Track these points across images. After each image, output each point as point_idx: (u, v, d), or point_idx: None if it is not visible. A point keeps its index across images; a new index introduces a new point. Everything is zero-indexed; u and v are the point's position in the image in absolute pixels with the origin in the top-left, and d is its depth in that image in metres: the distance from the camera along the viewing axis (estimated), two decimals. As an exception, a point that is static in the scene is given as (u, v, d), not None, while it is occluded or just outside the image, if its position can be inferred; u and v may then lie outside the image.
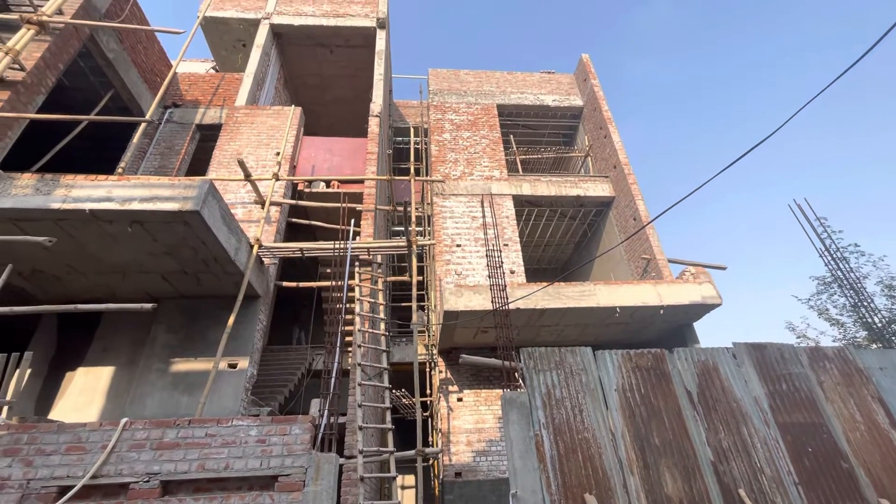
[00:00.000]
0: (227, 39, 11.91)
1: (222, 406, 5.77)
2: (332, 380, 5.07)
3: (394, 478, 4.91)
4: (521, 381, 5.75)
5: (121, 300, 6.20)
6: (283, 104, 11.79)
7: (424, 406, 8.62)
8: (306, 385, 7.59)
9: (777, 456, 3.83)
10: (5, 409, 3.85)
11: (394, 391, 8.66)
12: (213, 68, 14.12)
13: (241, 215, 7.31)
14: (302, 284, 7.28)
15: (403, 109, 14.19)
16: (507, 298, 6.59)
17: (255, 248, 6.20)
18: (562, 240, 12.81)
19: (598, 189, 10.67)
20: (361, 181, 8.05)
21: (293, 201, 7.86)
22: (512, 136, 12.58)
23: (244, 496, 3.51)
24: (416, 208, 8.85)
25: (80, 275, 5.75)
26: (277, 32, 11.37)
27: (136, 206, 4.60)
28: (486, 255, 8.57)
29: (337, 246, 6.55)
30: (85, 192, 4.64)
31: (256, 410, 6.06)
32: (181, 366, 6.11)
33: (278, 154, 8.11)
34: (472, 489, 6.98)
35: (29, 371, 4.76)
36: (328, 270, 7.49)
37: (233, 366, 6.06)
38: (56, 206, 4.52)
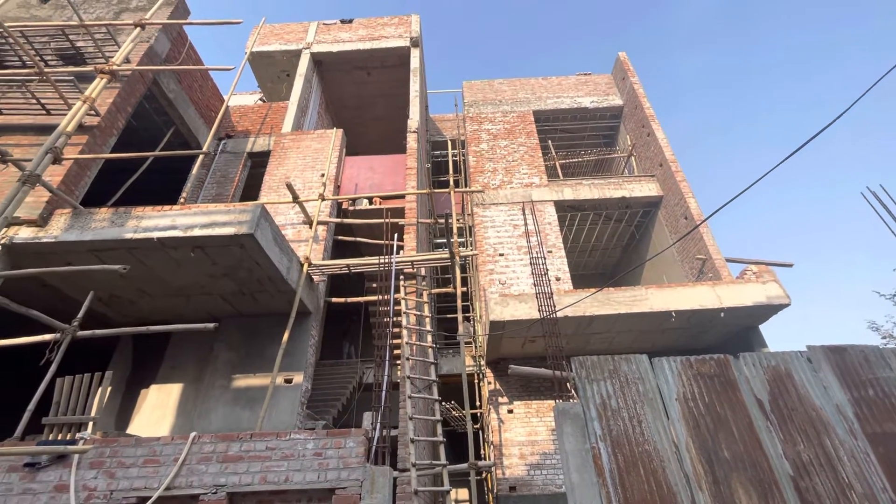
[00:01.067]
0: (272, 71, 12.66)
1: (280, 420, 5.99)
2: (383, 393, 5.14)
3: (447, 491, 4.87)
4: (573, 391, 5.57)
5: (186, 321, 6.63)
6: (326, 127, 12.30)
7: (475, 418, 8.54)
8: (358, 398, 7.73)
9: (868, 470, 3.45)
10: (90, 424, 4.19)
11: (443, 403, 8.64)
12: (260, 99, 15.00)
13: (291, 235, 7.65)
14: (350, 300, 7.47)
15: (440, 123, 14.40)
16: (555, 306, 6.44)
17: (305, 266, 6.45)
18: (608, 244, 12.40)
19: (645, 189, 10.27)
20: (402, 196, 8.20)
21: (338, 220, 8.13)
22: (550, 142, 12.41)
23: (304, 508, 3.61)
24: (457, 219, 8.90)
25: (151, 298, 6.21)
26: (318, 60, 11.94)
27: (197, 232, 4.93)
28: (531, 263, 8.45)
29: (382, 261, 6.69)
30: (153, 222, 5.03)
31: (312, 424, 6.24)
32: (241, 382, 6.42)
33: (323, 175, 8.45)
34: (528, 503, 6.79)
35: (109, 389, 5.17)
36: (374, 285, 7.65)
37: (288, 381, 6.29)
38: (129, 236, 4.93)
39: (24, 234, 5.07)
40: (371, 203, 8.81)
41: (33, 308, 4.12)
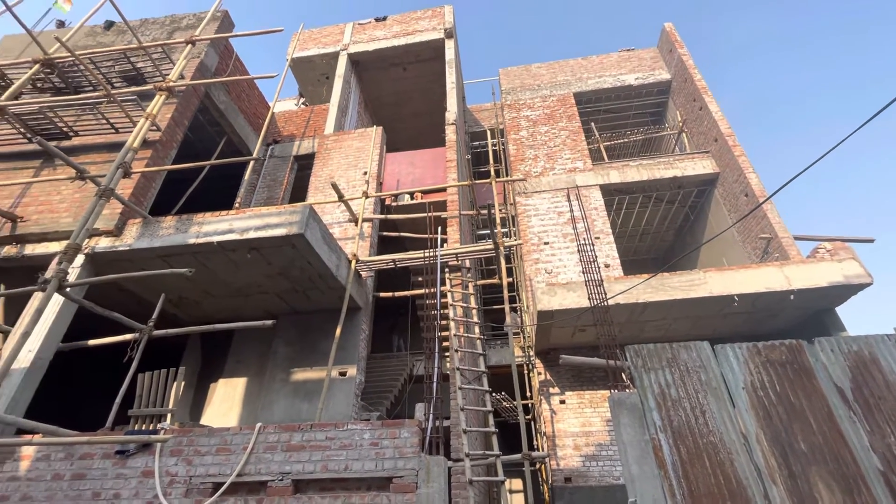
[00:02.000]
0: (312, 75, 13.04)
1: (336, 411, 6.24)
2: (434, 384, 5.22)
3: (502, 482, 4.88)
4: (628, 380, 5.39)
5: (246, 319, 7.01)
6: (366, 126, 12.53)
7: (526, 409, 8.48)
8: (409, 390, 7.89)
9: (974, 465, 3.10)
10: (169, 416, 4.55)
11: (493, 394, 8.64)
12: (302, 103, 15.50)
13: (338, 234, 7.89)
14: (397, 294, 7.61)
15: (477, 113, 14.27)
16: (605, 294, 6.25)
17: (353, 262, 6.63)
18: (660, 227, 11.83)
19: (698, 167, 9.69)
20: (444, 189, 8.23)
21: (382, 216, 8.29)
22: (593, 124, 11.97)
23: (364, 496, 3.74)
24: (500, 210, 8.81)
25: (214, 298, 6.64)
26: (355, 60, 12.16)
27: (252, 234, 5.20)
28: (578, 251, 8.22)
29: (426, 254, 6.75)
30: (212, 227, 5.36)
31: (367, 415, 6.45)
32: (299, 375, 6.74)
33: (366, 173, 8.63)
34: (585, 495, 6.67)
35: (183, 383, 5.61)
36: (420, 279, 7.75)
37: (343, 374, 6.53)
38: (192, 241, 5.28)
39: (103, 243, 5.55)
40: (413, 198, 8.91)
41: (114, 311, 4.52)
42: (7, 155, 6.86)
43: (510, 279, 9.21)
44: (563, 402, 7.52)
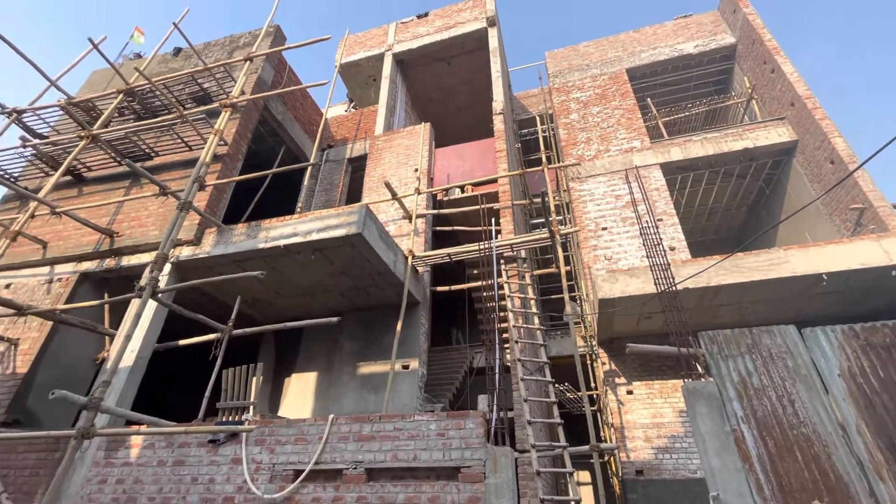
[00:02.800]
0: (359, 79, 13.39)
1: (402, 403, 6.43)
2: (497, 376, 5.22)
3: (570, 473, 4.80)
4: (702, 369, 5.08)
5: (313, 317, 7.40)
6: (413, 123, 12.69)
7: (591, 400, 8.26)
8: (471, 382, 7.96)
9: None
10: (251, 408, 4.92)
11: (556, 385, 8.50)
12: (352, 106, 15.97)
13: (394, 231, 8.08)
14: (454, 288, 7.68)
15: (525, 101, 13.96)
16: (673, 278, 5.91)
17: (409, 258, 6.78)
18: (730, 204, 10.99)
19: (773, 135, 8.86)
20: (494, 180, 8.16)
21: (435, 211, 8.38)
22: (649, 100, 11.30)
23: (433, 485, 3.84)
24: (554, 197, 8.59)
25: (284, 298, 7.06)
26: (399, 60, 12.32)
27: (314, 236, 5.47)
28: (640, 234, 7.83)
29: (481, 246, 6.75)
30: (278, 232, 5.69)
31: (431, 407, 6.59)
32: (364, 369, 7.02)
33: (416, 170, 8.76)
34: (659, 489, 6.40)
35: (261, 378, 6.07)
36: (475, 271, 7.76)
37: (405, 367, 6.71)
38: (261, 245, 5.64)
39: (185, 252, 6.09)
40: (463, 191, 8.91)
41: (198, 314, 4.94)
42: (102, 178, 7.69)
43: (568, 268, 8.98)
44: (630, 392, 7.24)
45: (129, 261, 6.40)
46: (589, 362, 7.99)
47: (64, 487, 4.53)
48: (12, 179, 7.74)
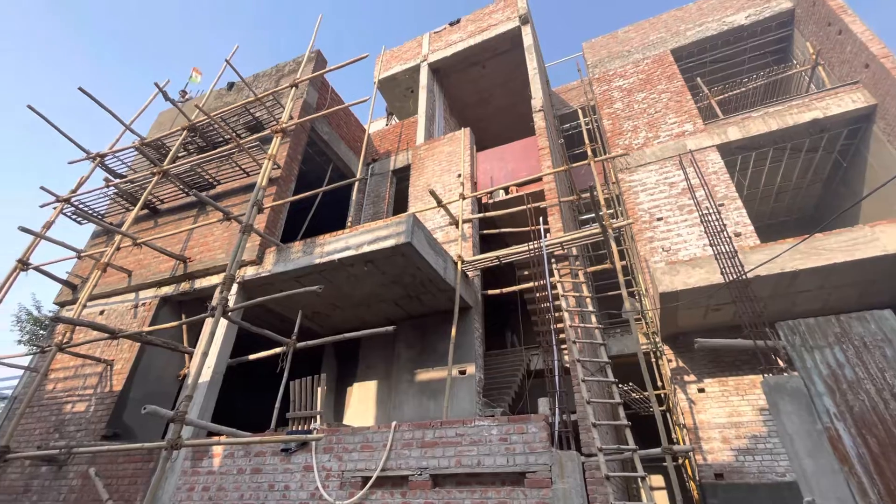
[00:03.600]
0: (398, 92, 13.70)
1: (461, 409, 6.43)
2: (556, 378, 5.10)
3: (643, 477, 4.57)
4: (783, 363, 4.67)
5: (369, 326, 7.62)
6: (453, 130, 12.78)
7: (659, 400, 7.85)
8: (529, 385, 7.83)
9: None
10: (318, 417, 5.12)
11: (620, 385, 8.16)
12: (392, 119, 16.36)
13: (441, 237, 8.15)
14: (505, 290, 7.61)
15: (564, 95, 13.66)
16: (742, 266, 5.51)
17: (459, 263, 6.80)
18: (800, 181, 10.10)
19: (846, 102, 8.06)
20: (539, 178, 8.02)
21: (481, 215, 8.36)
22: (699, 79, 10.68)
23: (499, 490, 3.79)
24: (602, 190, 8.31)
25: (341, 310, 7.31)
26: (435, 69, 12.48)
27: (365, 248, 5.63)
28: (702, 222, 7.38)
29: (530, 246, 6.64)
30: (331, 247, 5.92)
31: (490, 411, 6.54)
32: (422, 376, 7.10)
33: (459, 175, 8.79)
34: (742, 493, 5.94)
35: (325, 388, 6.32)
36: (525, 273, 7.65)
37: (462, 372, 6.72)
38: (317, 261, 5.89)
39: (249, 272, 6.47)
40: (507, 192, 8.83)
41: (264, 329, 5.23)
42: (174, 209, 8.38)
43: (623, 262, 8.62)
44: (701, 390, 6.80)
45: (200, 283, 6.90)
46: (653, 360, 7.61)
47: (158, 495, 4.93)
48: (99, 217, 8.61)
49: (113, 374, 6.58)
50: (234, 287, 6.38)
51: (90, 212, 8.43)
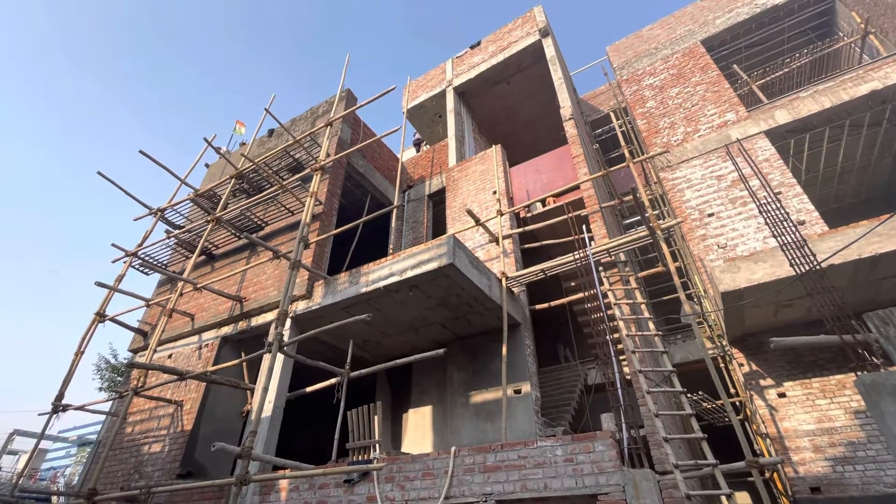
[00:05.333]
0: (426, 118, 14.02)
1: (519, 429, 6.21)
2: (619, 391, 4.83)
3: (728, 495, 4.18)
4: (877, 358, 4.18)
5: (419, 351, 7.61)
6: (483, 148, 12.85)
7: (735, 408, 7.25)
8: (589, 402, 7.48)
9: None
10: (377, 445, 5.10)
11: (689, 395, 7.63)
12: (424, 144, 16.70)
13: (483, 256, 8.10)
14: (553, 303, 7.40)
15: (593, 101, 13.46)
16: (814, 255, 5.07)
17: (503, 280, 6.70)
18: (866, 159, 9.30)
19: (908, 69, 7.41)
20: (577, 187, 7.86)
21: (520, 229, 8.26)
22: (735, 66, 10.21)
23: (571, 515, 3.58)
24: (645, 191, 7.99)
25: (390, 337, 7.36)
26: (460, 92, 12.70)
27: (409, 273, 5.67)
28: (760, 212, 6.91)
29: (576, 256, 6.45)
30: (376, 275, 6.01)
31: (551, 431, 6.28)
32: (476, 397, 6.95)
33: (495, 192, 8.77)
34: (847, 509, 5.29)
35: (381, 416, 6.32)
36: (572, 284, 7.42)
37: (517, 391, 6.52)
38: (364, 290, 5.99)
39: (301, 306, 6.68)
40: (545, 204, 8.69)
41: (318, 361, 5.34)
42: (227, 252, 8.86)
43: (676, 264, 8.19)
44: (782, 395, 6.22)
45: (256, 321, 7.19)
46: (722, 365, 7.08)
47: (231, 531, 5.03)
48: (163, 266, 9.25)
49: (183, 413, 6.91)
50: (288, 322, 6.58)
51: (155, 262, 9.07)
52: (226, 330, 7.48)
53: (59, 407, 7.06)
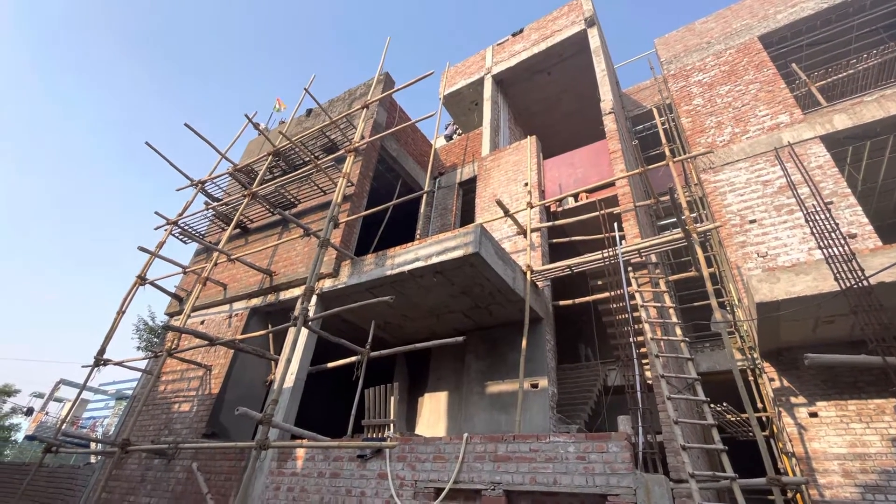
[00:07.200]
0: (462, 106, 13.90)
1: (533, 424, 6.20)
2: (638, 394, 4.74)
3: (744, 510, 4.05)
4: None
5: (439, 337, 7.66)
6: (518, 139, 12.65)
7: (760, 424, 6.99)
8: (607, 402, 7.38)
9: None
10: (392, 425, 5.20)
11: (712, 406, 7.41)
12: (457, 133, 16.60)
13: (509, 248, 8.03)
14: (577, 301, 7.29)
15: (636, 96, 12.98)
16: (862, 271, 4.77)
17: (528, 273, 6.63)
18: (933, 172, 8.61)
19: None
20: (612, 184, 7.65)
21: (550, 223, 8.14)
22: (794, 65, 9.59)
23: (578, 512, 3.56)
24: (683, 192, 7.69)
25: (412, 321, 7.44)
26: (499, 80, 12.50)
27: (434, 259, 5.69)
28: (807, 222, 6.55)
29: (605, 254, 6.31)
30: (402, 258, 6.06)
31: (565, 428, 6.24)
32: (493, 388, 6.97)
33: (526, 184, 8.65)
34: (874, 539, 5.04)
35: (397, 397, 6.45)
36: (599, 282, 7.28)
37: (534, 386, 6.49)
38: (388, 272, 6.06)
39: (327, 284, 6.83)
40: (577, 199, 8.51)
41: (340, 339, 5.46)
42: (261, 227, 9.13)
43: (711, 269, 7.89)
44: (813, 414, 5.93)
45: (284, 295, 7.41)
46: (753, 378, 6.81)
47: (249, 492, 5.28)
48: (201, 236, 9.63)
49: (211, 377, 7.24)
50: (314, 298, 6.75)
51: (193, 232, 9.45)
52: (255, 301, 7.75)
53: (100, 361, 7.54)
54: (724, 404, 7.78)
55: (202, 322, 8.33)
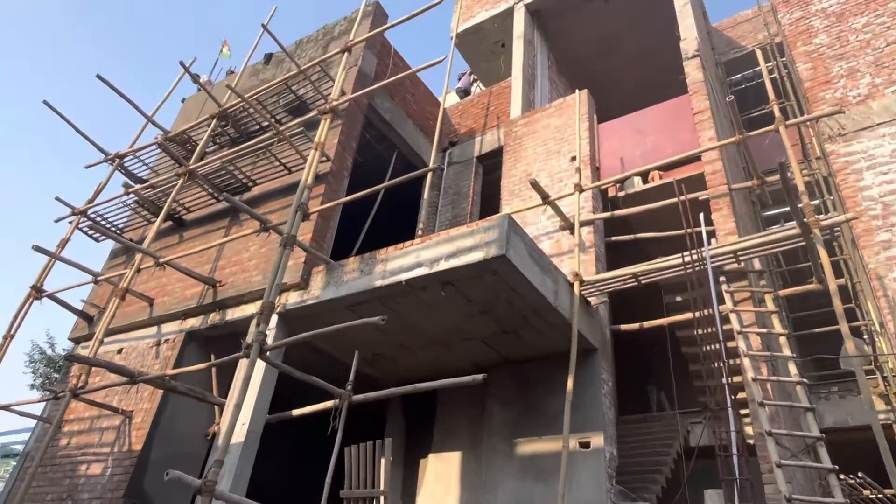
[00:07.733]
0: (483, 48, 13.94)
1: (583, 498, 6.17)
2: (735, 458, 4.70)
3: None
4: None
5: (449, 375, 7.64)
6: (562, 94, 12.62)
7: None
8: (688, 470, 7.30)
9: None
10: (382, 498, 5.22)
11: (841, 476, 7.31)
12: (476, 86, 16.63)
13: (548, 249, 8.02)
14: (646, 324, 7.25)
15: (731, 32, 12.95)
16: None
17: (576, 285, 6.61)
18: None
19: None
20: (697, 157, 7.61)
21: (607, 214, 8.11)
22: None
23: None
24: (801, 170, 7.62)
25: (410, 351, 7.47)
26: (535, 11, 12.54)
27: (443, 265, 5.69)
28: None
29: (686, 258, 6.26)
30: (397, 263, 6.08)
31: (629, 505, 6.20)
32: (525, 446, 6.95)
33: (574, 158, 8.63)
34: None
35: (390, 459, 6.44)
36: (678, 298, 7.22)
37: (584, 444, 6.46)
38: (378, 283, 6.08)
39: (292, 299, 6.89)
40: (647, 180, 8.48)
41: (311, 375, 5.48)
42: (201, 219, 9.25)
43: (840, 281, 7.78)
44: None
45: (233, 314, 7.49)
46: (899, 438, 6.69)
47: (183, 589, 5.33)
48: (118, 231, 9.79)
49: (132, 428, 7.34)
50: (274, 319, 6.80)
51: (108, 226, 9.61)
52: (193, 322, 7.84)
53: (-21, 404, 7.70)
54: (860, 475, 7.69)
55: (120, 351, 8.46)
